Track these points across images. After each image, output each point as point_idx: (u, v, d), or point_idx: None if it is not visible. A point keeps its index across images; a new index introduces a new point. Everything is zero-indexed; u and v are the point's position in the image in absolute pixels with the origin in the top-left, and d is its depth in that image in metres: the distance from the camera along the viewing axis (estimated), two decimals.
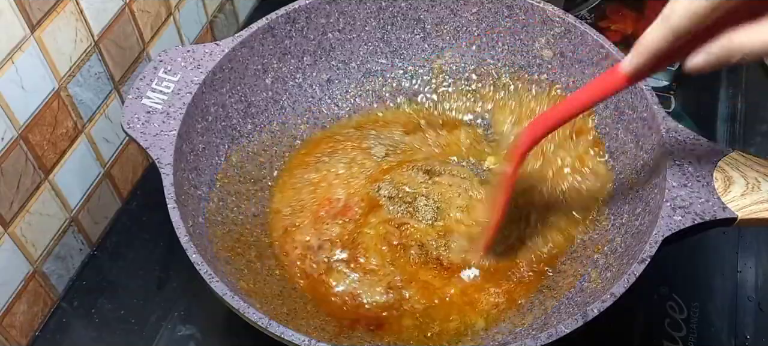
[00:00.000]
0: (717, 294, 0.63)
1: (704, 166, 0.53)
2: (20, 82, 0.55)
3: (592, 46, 0.63)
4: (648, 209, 0.54)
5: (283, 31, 0.66)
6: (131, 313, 0.63)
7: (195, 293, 0.63)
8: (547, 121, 0.52)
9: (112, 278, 0.66)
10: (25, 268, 0.60)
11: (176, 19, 0.73)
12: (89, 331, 0.62)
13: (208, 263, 0.50)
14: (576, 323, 0.46)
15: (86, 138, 0.64)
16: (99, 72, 0.64)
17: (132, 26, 0.67)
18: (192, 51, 0.61)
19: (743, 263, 0.65)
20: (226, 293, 0.48)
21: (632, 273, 0.48)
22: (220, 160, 0.62)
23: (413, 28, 0.70)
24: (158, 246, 0.67)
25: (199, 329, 0.62)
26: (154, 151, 0.55)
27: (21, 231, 0.59)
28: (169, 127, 0.56)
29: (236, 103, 0.64)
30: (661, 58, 0.43)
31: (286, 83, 0.68)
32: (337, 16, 0.68)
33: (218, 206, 0.60)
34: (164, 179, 0.53)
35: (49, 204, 0.61)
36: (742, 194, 0.51)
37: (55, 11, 0.57)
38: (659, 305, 0.62)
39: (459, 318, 0.57)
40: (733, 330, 0.61)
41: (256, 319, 0.47)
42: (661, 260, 0.49)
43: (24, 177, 0.58)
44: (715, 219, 0.50)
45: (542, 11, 0.65)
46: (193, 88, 0.59)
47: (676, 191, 0.52)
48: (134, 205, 0.71)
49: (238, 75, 0.63)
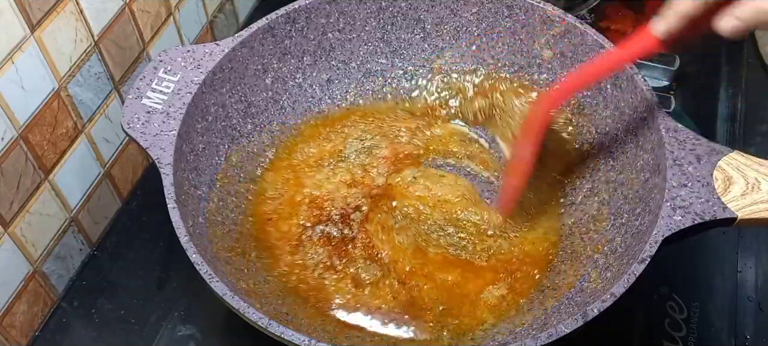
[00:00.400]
0: (717, 294, 0.63)
1: (704, 166, 0.53)
2: (20, 82, 0.55)
3: (592, 46, 0.63)
4: (648, 209, 0.54)
5: (283, 31, 0.65)
6: (131, 313, 0.63)
7: (195, 293, 0.63)
8: (580, 79, 0.56)
9: (112, 278, 0.66)
10: (25, 268, 0.60)
11: (176, 19, 0.73)
12: (89, 331, 0.62)
13: (208, 263, 0.49)
14: (576, 323, 0.46)
15: (86, 138, 0.64)
16: (99, 72, 0.64)
17: (132, 26, 0.67)
18: (192, 51, 0.61)
19: (743, 263, 0.65)
20: (226, 293, 0.48)
21: (632, 273, 0.48)
22: (220, 160, 0.62)
23: (413, 28, 0.70)
24: (158, 246, 0.67)
25: (199, 329, 0.62)
26: (154, 152, 0.55)
27: (21, 231, 0.59)
28: (169, 127, 0.56)
29: (236, 103, 0.64)
30: (692, 21, 0.44)
31: (286, 83, 0.68)
32: (337, 16, 0.68)
33: (218, 206, 0.60)
34: (164, 179, 0.53)
35: (49, 204, 0.61)
36: (742, 194, 0.51)
37: (55, 11, 0.57)
38: (659, 305, 0.62)
39: (470, 314, 0.57)
40: (733, 330, 0.61)
41: (256, 319, 0.47)
42: (661, 260, 0.49)
43: (24, 177, 0.58)
44: (715, 219, 0.50)
45: (542, 11, 0.65)
46: (193, 88, 0.59)
47: (676, 190, 0.52)
48: (134, 205, 0.71)
49: (238, 75, 0.63)
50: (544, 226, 0.62)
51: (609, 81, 0.62)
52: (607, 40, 0.62)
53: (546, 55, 0.67)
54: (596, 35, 0.62)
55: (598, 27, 0.82)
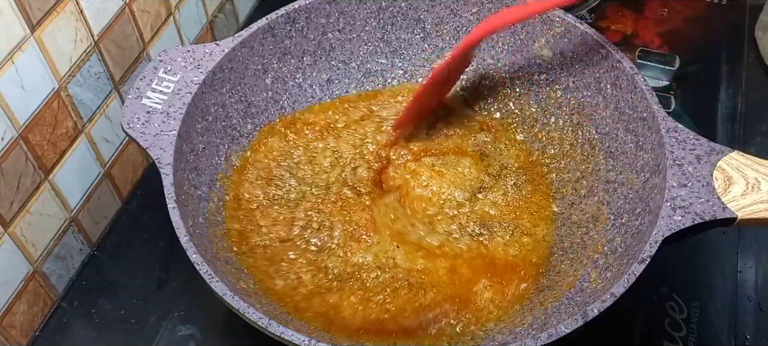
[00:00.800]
0: (717, 294, 0.63)
1: (704, 166, 0.53)
2: (20, 82, 0.55)
3: (592, 46, 0.63)
4: (648, 209, 0.54)
5: (283, 31, 0.65)
6: (131, 313, 0.63)
7: (195, 293, 0.63)
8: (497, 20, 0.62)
9: (112, 278, 0.66)
10: (25, 268, 0.60)
11: (176, 19, 0.73)
12: (89, 331, 0.62)
13: (208, 263, 0.49)
14: (576, 323, 0.46)
15: (86, 138, 0.64)
16: (99, 72, 0.64)
17: (132, 26, 0.67)
18: (192, 51, 0.61)
19: (743, 263, 0.65)
20: (226, 293, 0.48)
21: (632, 273, 0.48)
22: (220, 160, 0.62)
23: (413, 28, 0.70)
24: (158, 246, 0.67)
25: (199, 329, 0.62)
26: (154, 152, 0.55)
27: (21, 231, 0.59)
28: (169, 127, 0.56)
29: (236, 103, 0.64)
30: None
31: (286, 83, 0.68)
32: (337, 16, 0.68)
33: (218, 206, 0.60)
34: (164, 179, 0.53)
35: (49, 204, 0.61)
36: (742, 194, 0.51)
37: (55, 11, 0.57)
38: (659, 305, 0.62)
39: (470, 314, 0.57)
40: (733, 330, 0.61)
41: (256, 319, 0.47)
42: (661, 260, 0.49)
43: (24, 177, 0.58)
44: (715, 219, 0.50)
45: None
46: (193, 88, 0.59)
47: (676, 190, 0.52)
48: (134, 205, 0.71)
49: (238, 75, 0.63)
50: (542, 227, 0.62)
51: (609, 81, 0.62)
52: (607, 41, 0.62)
53: (546, 55, 0.66)
54: (596, 35, 0.62)
55: (598, 27, 0.82)
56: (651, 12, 0.85)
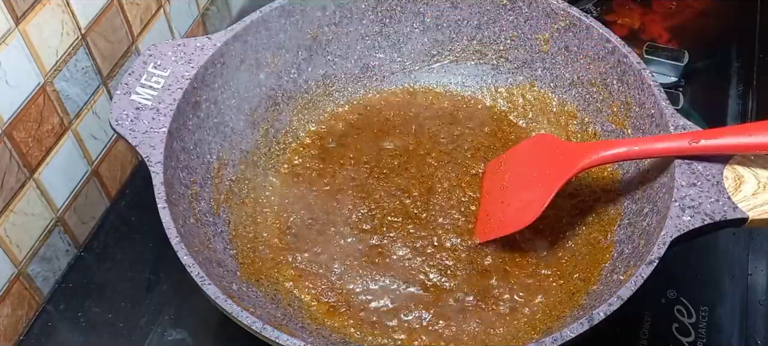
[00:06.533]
0: (727, 298, 0.62)
1: (714, 164, 0.52)
2: (4, 77, 0.55)
3: (597, 40, 0.62)
4: (656, 209, 0.53)
5: (278, 25, 0.65)
6: (119, 316, 0.62)
7: (186, 296, 0.63)
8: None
9: (99, 280, 0.65)
10: (9, 270, 0.60)
11: (166, 12, 0.73)
12: (76, 335, 0.62)
13: (200, 265, 0.49)
14: (582, 328, 0.46)
15: (73, 135, 0.64)
16: (86, 66, 0.64)
17: (121, 19, 0.66)
18: (183, 45, 0.61)
19: (754, 265, 0.64)
20: (218, 296, 0.48)
21: (640, 275, 0.47)
22: (213, 158, 0.61)
23: (412, 22, 0.69)
24: (148, 247, 0.67)
25: (190, 333, 0.61)
26: (143, 149, 0.54)
27: (5, 231, 0.58)
28: (159, 124, 0.56)
29: (229, 99, 0.63)
30: None
31: (281, 79, 0.67)
32: (334, 8, 0.67)
33: (210, 205, 0.59)
34: (154, 177, 0.53)
35: (34, 203, 0.61)
36: (754, 193, 0.50)
37: (40, 3, 0.57)
38: (667, 309, 0.61)
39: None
40: (743, 335, 0.60)
41: (249, 323, 0.47)
42: (669, 262, 0.49)
43: (8, 175, 0.57)
44: (726, 219, 0.50)
45: (546, 4, 0.64)
46: (184, 84, 0.58)
47: (685, 190, 0.51)
48: (123, 204, 0.71)
49: (230, 70, 0.63)
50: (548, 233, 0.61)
51: (615, 76, 0.61)
52: (613, 35, 0.61)
53: (550, 49, 0.66)
54: (602, 29, 0.62)
55: (604, 21, 0.82)
56: (659, 5, 0.85)
